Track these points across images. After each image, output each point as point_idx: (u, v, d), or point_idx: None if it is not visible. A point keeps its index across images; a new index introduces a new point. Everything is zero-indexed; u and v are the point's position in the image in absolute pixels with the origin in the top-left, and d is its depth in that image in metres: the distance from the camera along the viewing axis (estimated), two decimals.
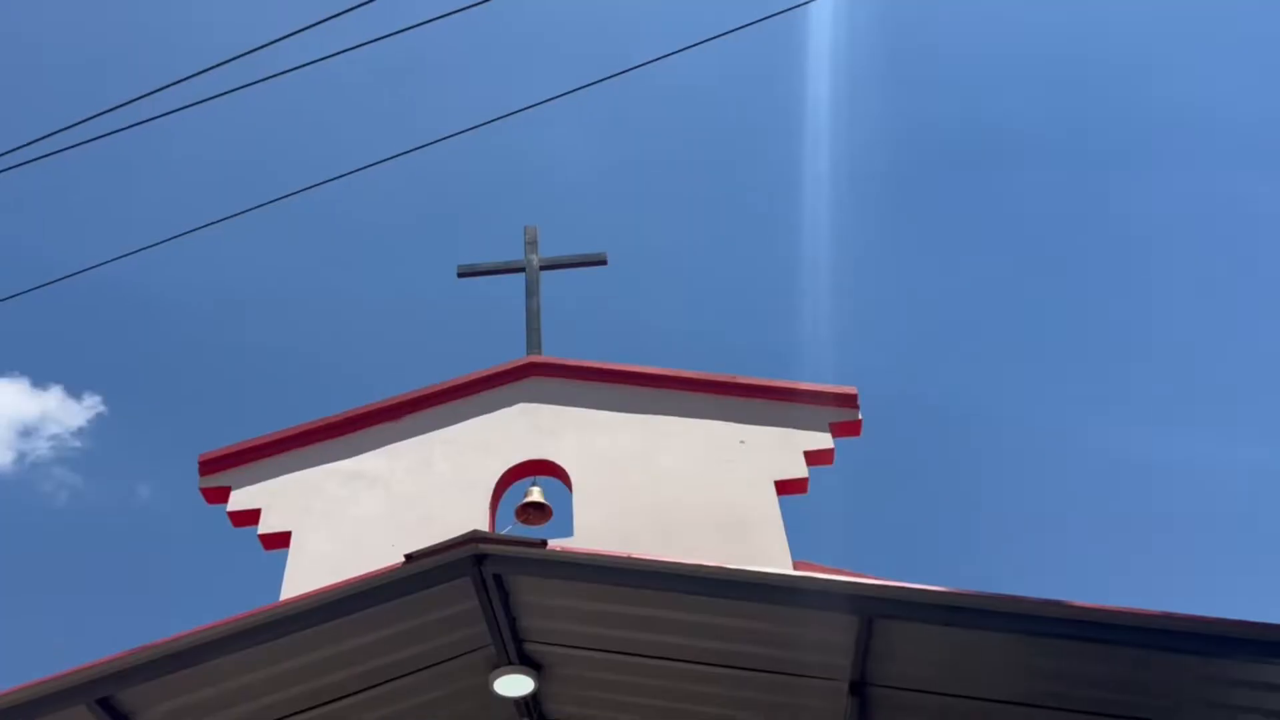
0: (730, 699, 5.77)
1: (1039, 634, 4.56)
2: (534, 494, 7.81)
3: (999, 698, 5.18)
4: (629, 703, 6.03)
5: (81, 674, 4.65)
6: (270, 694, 5.30)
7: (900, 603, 4.68)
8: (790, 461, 7.55)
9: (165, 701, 5.05)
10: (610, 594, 5.19)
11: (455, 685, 5.87)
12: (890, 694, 5.36)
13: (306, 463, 7.82)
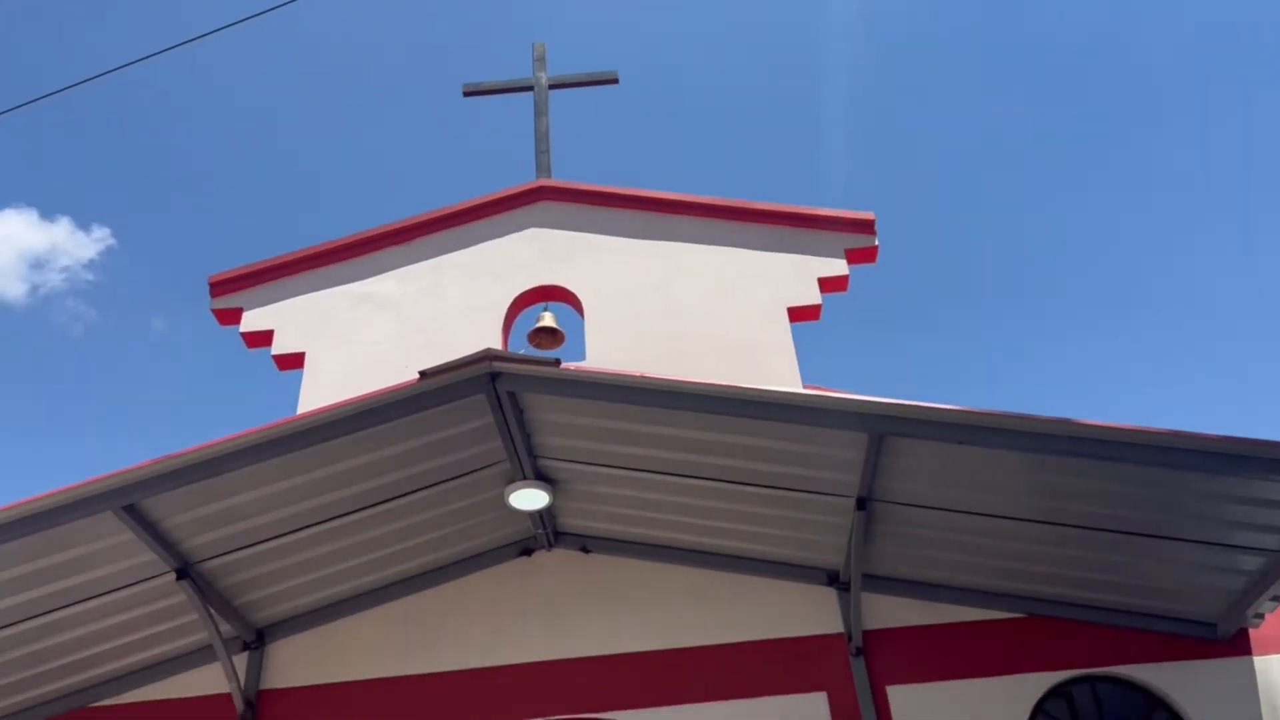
0: (739, 514, 5.93)
1: (1047, 452, 4.60)
2: (546, 319, 7.79)
3: (1004, 514, 5.30)
4: (640, 516, 6.21)
5: (107, 481, 4.77)
6: (290, 505, 5.45)
7: (911, 420, 4.71)
8: (803, 288, 7.49)
9: (188, 511, 5.20)
10: (623, 412, 5.24)
11: (471, 499, 6.03)
12: (897, 510, 5.49)
13: (317, 285, 7.79)
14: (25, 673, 5.79)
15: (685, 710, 5.88)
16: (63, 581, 5.30)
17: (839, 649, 5.98)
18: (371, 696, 6.09)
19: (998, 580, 5.93)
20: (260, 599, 6.06)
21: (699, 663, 6.04)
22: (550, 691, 6.03)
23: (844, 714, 5.77)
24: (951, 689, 5.79)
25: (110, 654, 5.92)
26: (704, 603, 6.26)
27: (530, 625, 6.28)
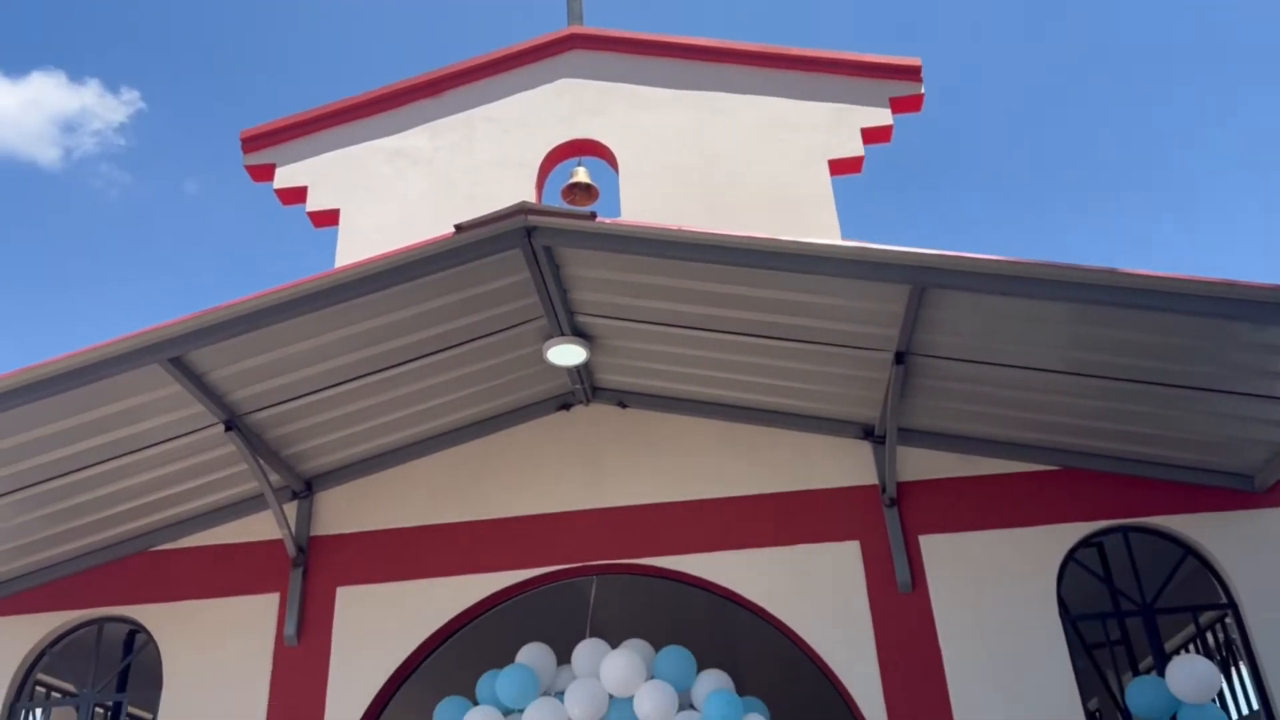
0: (776, 369, 5.93)
1: (1092, 302, 4.52)
2: (580, 174, 7.67)
3: (1043, 366, 5.26)
4: (677, 372, 6.25)
5: (153, 334, 4.84)
6: (333, 360, 5.52)
7: (954, 271, 4.62)
8: (845, 139, 7.28)
9: (233, 364, 5.29)
10: (659, 267, 5.20)
11: (510, 355, 6.08)
12: (935, 363, 5.47)
13: (350, 140, 7.69)
14: (88, 518, 6.05)
15: (720, 556, 6.06)
16: (115, 433, 5.46)
17: (872, 500, 6.08)
18: (415, 543, 6.33)
19: (1033, 433, 5.94)
20: (307, 450, 6.23)
21: (734, 512, 6.18)
22: (589, 539, 6.22)
23: (876, 562, 5.91)
24: (983, 539, 5.89)
25: (167, 501, 6.16)
26: (739, 455, 6.35)
27: (569, 476, 6.43)
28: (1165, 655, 5.61)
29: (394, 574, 6.22)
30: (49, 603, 6.33)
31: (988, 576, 5.79)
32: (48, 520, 5.96)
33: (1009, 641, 5.61)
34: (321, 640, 6.07)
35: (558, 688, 5.68)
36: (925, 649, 5.66)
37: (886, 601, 5.80)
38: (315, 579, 6.25)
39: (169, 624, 6.20)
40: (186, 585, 6.28)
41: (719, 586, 6.05)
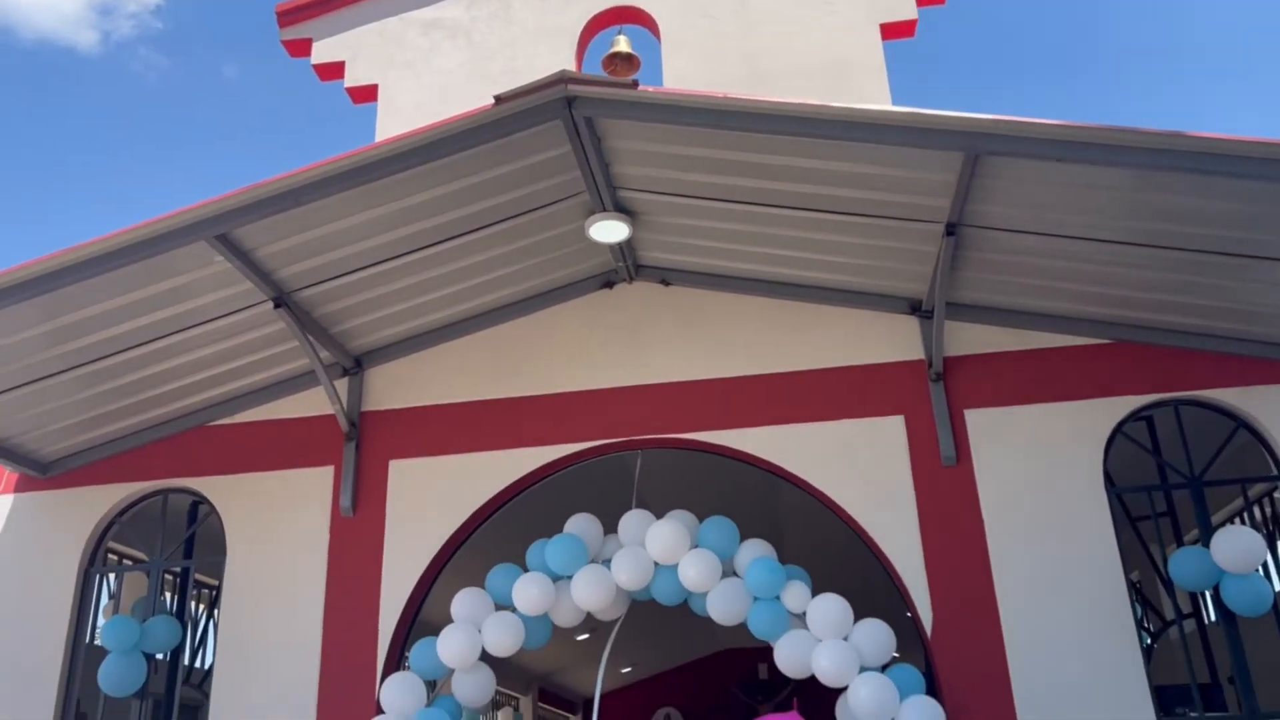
0: (822, 243, 5.83)
1: (1155, 168, 4.35)
2: (621, 43, 7.44)
3: (1098, 236, 5.11)
4: (721, 248, 6.17)
5: (199, 211, 4.86)
6: (376, 236, 5.52)
7: (1010, 137, 4.45)
8: (898, 1, 6.94)
9: (279, 241, 5.32)
10: (702, 137, 5.07)
11: (553, 231, 6.03)
12: (986, 235, 5.34)
13: (385, 12, 7.51)
14: (146, 394, 6.23)
15: (765, 431, 6.10)
16: (167, 310, 5.56)
17: (918, 375, 6.04)
18: (464, 418, 6.44)
19: (1084, 305, 5.83)
20: (355, 327, 6.31)
21: (778, 388, 6.19)
22: (634, 414, 6.29)
23: (921, 437, 5.92)
24: (1030, 412, 5.86)
25: (221, 377, 6.31)
26: (784, 331, 6.32)
27: (613, 353, 6.46)
28: (1211, 528, 5.61)
29: (444, 448, 6.37)
30: (116, 475, 6.58)
31: (1033, 450, 5.78)
32: (107, 396, 6.14)
33: (1052, 514, 5.64)
34: (376, 511, 6.27)
35: (604, 556, 5.83)
36: (968, 521, 5.70)
37: (930, 475, 5.83)
38: (368, 453, 6.42)
39: (229, 495, 6.43)
40: (245, 458, 6.48)
41: (763, 460, 6.11)
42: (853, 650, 5.30)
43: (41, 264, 4.92)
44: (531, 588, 5.67)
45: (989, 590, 5.55)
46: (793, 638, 5.45)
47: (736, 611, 5.56)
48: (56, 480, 6.59)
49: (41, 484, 6.59)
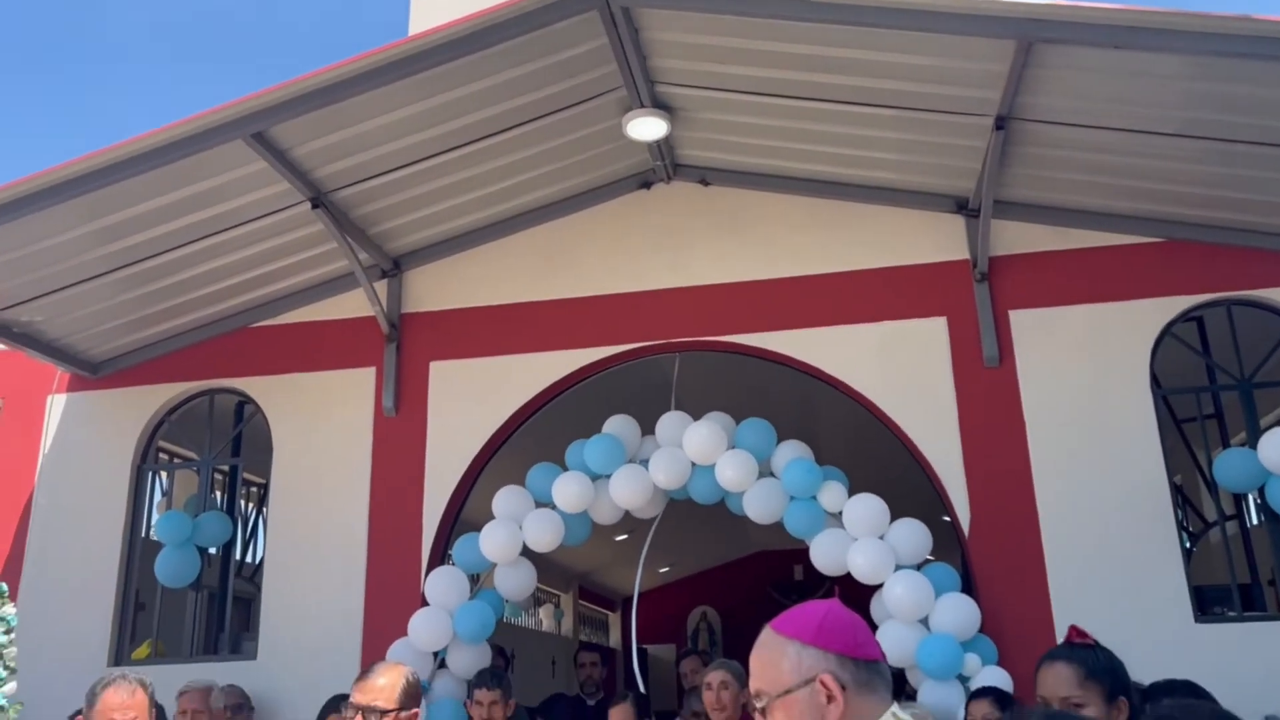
0: (866, 139, 5.69)
1: (1221, 54, 4.15)
2: None
3: (1156, 129, 4.93)
4: (761, 146, 6.04)
5: (234, 109, 4.82)
6: (413, 134, 5.46)
7: (1066, 23, 4.26)
8: None
9: (315, 139, 5.28)
10: (745, 27, 4.91)
11: (590, 129, 5.93)
12: (1037, 129, 5.17)
13: None
14: (187, 296, 6.30)
15: (805, 333, 6.06)
16: (205, 211, 5.57)
17: (962, 275, 5.94)
18: (502, 320, 6.46)
19: (1137, 202, 5.66)
20: (392, 229, 6.30)
21: (819, 289, 6.12)
22: (672, 316, 6.26)
23: (963, 338, 5.84)
24: (1076, 313, 5.75)
25: (262, 279, 6.35)
26: (825, 231, 6.22)
27: (651, 254, 6.40)
28: (1259, 431, 5.52)
29: (483, 350, 6.40)
30: (164, 375, 6.71)
31: (1078, 351, 5.69)
32: (151, 298, 6.22)
33: (1096, 416, 5.58)
34: (418, 411, 6.35)
35: (642, 456, 5.89)
36: (1009, 423, 5.67)
37: (972, 377, 5.77)
38: (408, 354, 6.47)
39: (274, 395, 6.55)
40: (288, 359, 6.57)
41: (802, 363, 6.08)
42: (888, 548, 5.34)
43: (80, 164, 4.94)
44: (571, 486, 5.76)
45: (1028, 492, 5.55)
46: (829, 536, 5.50)
47: (773, 510, 5.62)
48: (107, 380, 6.74)
49: (93, 384, 6.75)
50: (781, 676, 1.75)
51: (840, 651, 1.76)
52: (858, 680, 1.74)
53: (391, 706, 3.17)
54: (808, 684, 1.73)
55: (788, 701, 1.74)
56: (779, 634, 1.80)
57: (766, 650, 1.81)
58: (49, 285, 5.80)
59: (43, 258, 5.56)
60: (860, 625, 1.84)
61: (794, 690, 1.73)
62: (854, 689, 1.74)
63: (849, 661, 1.75)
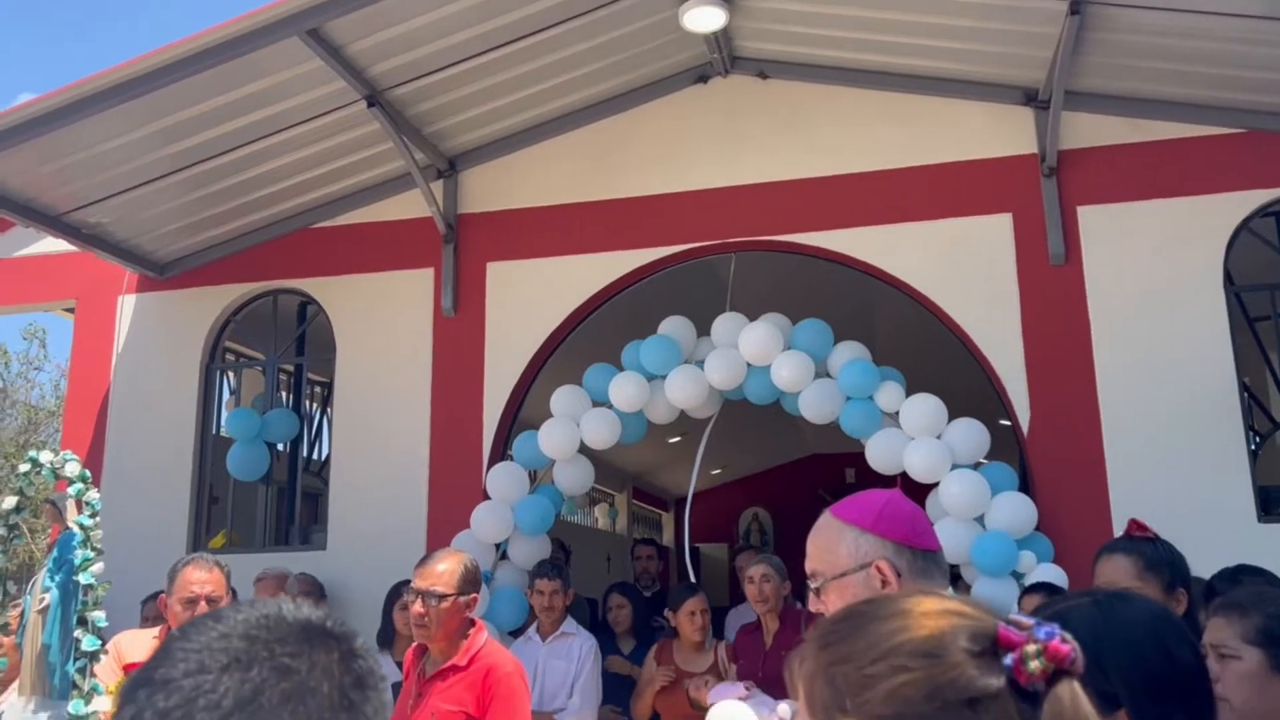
0: (932, 28, 5.48)
1: None
2: None
3: (1243, 12, 4.67)
4: (822, 36, 5.85)
5: (290, 4, 4.78)
6: (465, 29, 5.37)
7: None
8: None
9: (370, 36, 5.22)
10: None
11: (643, 21, 5.78)
12: (1114, 13, 4.92)
13: None
14: (247, 197, 6.37)
15: (864, 232, 5.95)
16: (262, 111, 5.58)
17: (1030, 170, 5.76)
18: (558, 220, 6.44)
19: (1217, 91, 5.40)
20: (447, 128, 6.26)
21: (880, 186, 5.99)
22: (729, 216, 6.19)
23: (1029, 234, 5.70)
24: (1148, 208, 5.57)
25: (320, 180, 6.39)
26: (887, 126, 6.05)
27: (708, 151, 6.30)
28: None
29: (539, 250, 6.41)
30: (228, 276, 6.84)
31: (1149, 247, 5.52)
32: (213, 199, 6.30)
33: (1165, 313, 5.44)
34: (476, 312, 6.41)
35: (698, 357, 5.90)
36: (1073, 322, 5.56)
37: (1036, 275, 5.65)
38: (466, 255, 6.51)
39: (335, 295, 6.65)
40: (348, 260, 6.65)
41: (860, 262, 6.00)
42: (945, 448, 5.33)
43: (139, 64, 4.96)
44: (627, 386, 5.81)
45: (1090, 391, 5.47)
46: (885, 435, 5.50)
47: (829, 411, 5.62)
48: (174, 281, 6.89)
49: (160, 285, 6.91)
50: (838, 560, 1.78)
51: (898, 540, 1.78)
52: (913, 568, 1.77)
53: (450, 591, 3.27)
54: (863, 569, 1.76)
55: (842, 584, 1.77)
56: (838, 519, 1.82)
57: (825, 533, 1.83)
58: (114, 187, 5.90)
59: (107, 159, 5.64)
60: (919, 515, 1.85)
61: (849, 574, 1.76)
62: (909, 577, 1.76)
63: (905, 550, 1.77)
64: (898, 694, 0.84)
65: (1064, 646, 0.87)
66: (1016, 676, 0.85)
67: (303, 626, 0.87)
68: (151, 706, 0.80)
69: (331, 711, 0.83)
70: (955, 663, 0.85)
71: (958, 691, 0.84)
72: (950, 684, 0.84)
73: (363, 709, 0.86)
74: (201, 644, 0.84)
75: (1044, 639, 0.87)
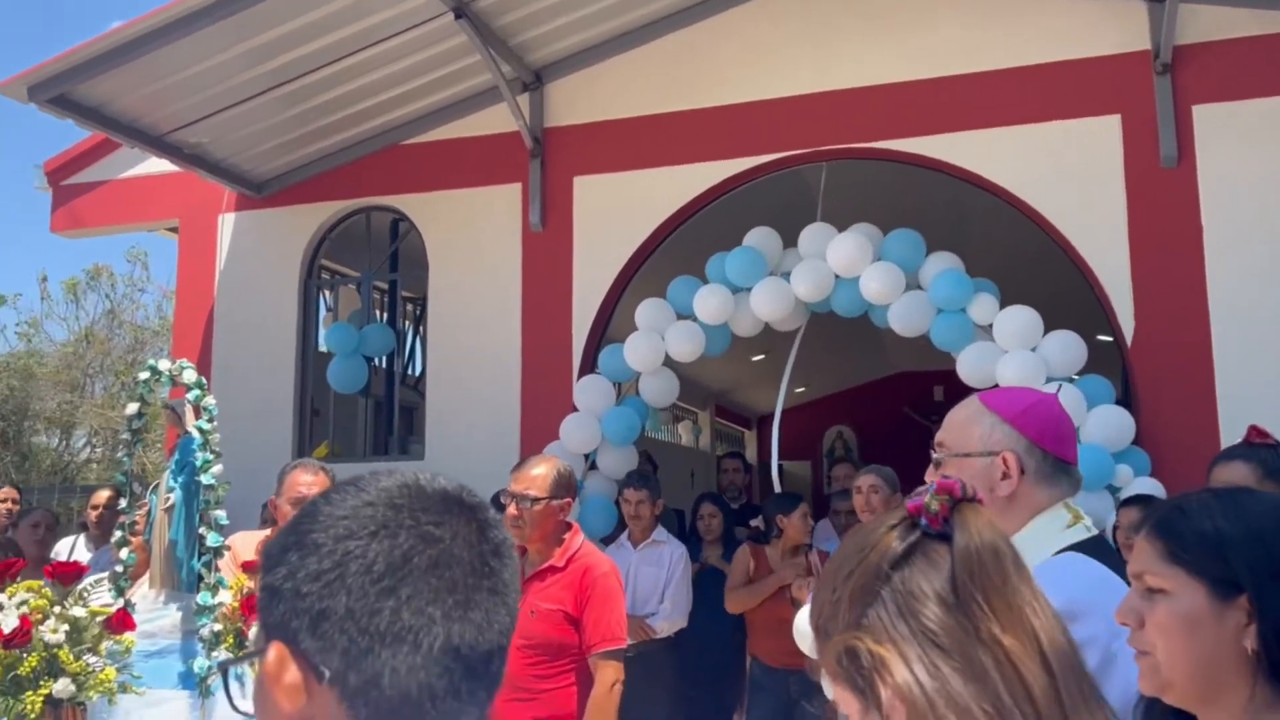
0: None
1: None
2: None
3: None
4: None
5: None
6: None
7: None
8: None
9: None
10: None
11: None
12: None
13: None
14: (340, 113, 6.45)
15: (961, 137, 5.75)
16: (351, 27, 5.61)
17: (1141, 68, 5.46)
18: (645, 132, 6.37)
19: None
20: (533, 39, 6.21)
21: (979, 88, 5.75)
22: (819, 123, 6.04)
23: (1138, 136, 5.43)
24: (1269, 106, 5.24)
25: (409, 95, 6.43)
26: (988, 24, 5.78)
27: (798, 56, 6.12)
28: None
29: (626, 163, 6.36)
30: (323, 194, 6.98)
31: (1269, 148, 5.21)
32: (305, 117, 6.39)
33: None
34: (564, 226, 6.43)
35: (784, 269, 5.84)
36: (1184, 228, 5.31)
37: (1146, 179, 5.39)
38: (552, 169, 6.50)
39: (426, 212, 6.74)
40: (438, 176, 6.71)
41: (957, 168, 5.81)
42: (1040, 360, 5.21)
43: None
44: (712, 298, 5.79)
45: (1201, 302, 5.25)
46: (977, 349, 5.40)
47: (919, 324, 5.53)
48: (271, 199, 7.06)
49: (258, 203, 7.08)
50: (968, 440, 1.80)
51: (1034, 439, 1.77)
52: (1041, 471, 1.76)
53: (544, 495, 3.34)
54: (989, 455, 1.76)
55: (963, 463, 1.78)
56: (983, 403, 1.83)
57: (965, 412, 1.85)
58: (211, 106, 6.03)
59: (203, 79, 5.76)
60: (1065, 424, 1.84)
61: (974, 456, 1.77)
62: (1034, 476, 1.76)
63: (1038, 450, 1.77)
64: (855, 594, 0.98)
65: (948, 481, 1.02)
66: (930, 525, 0.99)
67: (442, 496, 0.89)
68: (304, 568, 0.84)
69: (474, 578, 0.86)
70: (877, 541, 1.00)
71: (888, 559, 0.98)
72: (881, 557, 0.99)
73: (501, 575, 0.89)
74: (348, 510, 0.86)
75: (934, 488, 1.01)
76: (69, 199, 7.48)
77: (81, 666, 2.81)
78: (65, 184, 7.46)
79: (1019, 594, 0.96)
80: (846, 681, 0.96)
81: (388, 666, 0.81)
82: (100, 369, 17.87)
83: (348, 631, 0.81)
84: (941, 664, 0.91)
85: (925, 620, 0.93)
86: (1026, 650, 0.92)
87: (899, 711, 0.91)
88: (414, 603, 0.82)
